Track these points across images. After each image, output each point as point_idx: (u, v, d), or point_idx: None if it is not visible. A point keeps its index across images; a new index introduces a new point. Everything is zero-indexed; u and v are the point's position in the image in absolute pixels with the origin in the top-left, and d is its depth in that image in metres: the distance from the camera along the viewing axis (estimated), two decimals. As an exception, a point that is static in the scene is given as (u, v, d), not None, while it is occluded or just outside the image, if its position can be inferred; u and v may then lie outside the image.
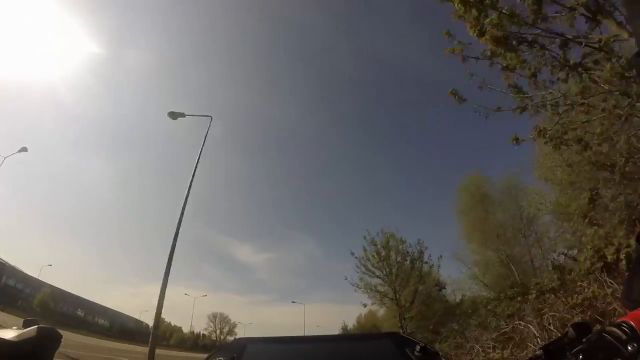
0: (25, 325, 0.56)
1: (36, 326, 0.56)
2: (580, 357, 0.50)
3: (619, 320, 0.53)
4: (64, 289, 46.29)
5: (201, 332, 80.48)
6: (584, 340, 0.52)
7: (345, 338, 0.67)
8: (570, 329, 0.54)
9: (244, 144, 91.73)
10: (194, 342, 72.52)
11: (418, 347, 0.40)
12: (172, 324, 76.25)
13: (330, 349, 0.41)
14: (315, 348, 0.43)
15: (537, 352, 0.54)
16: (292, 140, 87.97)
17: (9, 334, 0.57)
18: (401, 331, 18.08)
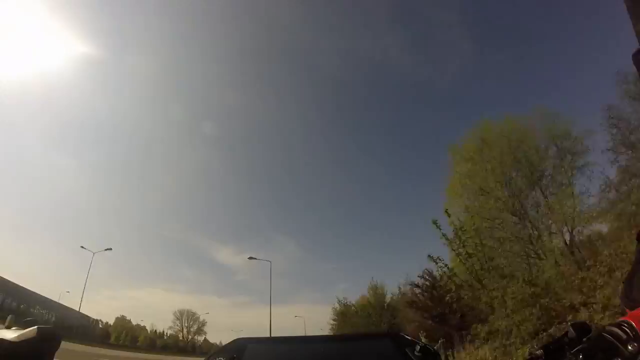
0: (25, 325, 0.54)
1: (36, 327, 0.55)
2: (581, 356, 0.50)
3: (620, 319, 0.53)
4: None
5: (165, 331, 76.99)
6: (584, 340, 0.51)
7: (345, 338, 0.67)
8: (570, 328, 0.53)
9: (225, 145, 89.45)
10: (151, 343, 69.09)
11: (418, 347, 0.41)
12: (138, 324, 72.98)
13: (330, 349, 0.41)
14: (315, 348, 0.43)
15: (537, 352, 0.54)
16: (273, 141, 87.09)
17: (9, 335, 0.55)
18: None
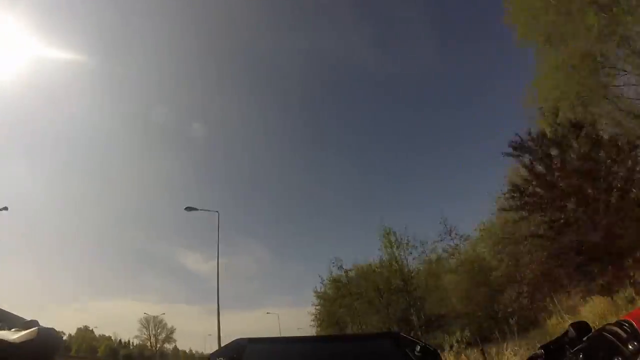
0: (26, 326, 0.53)
1: (36, 327, 0.53)
2: (581, 356, 0.49)
3: (620, 319, 0.53)
4: None
5: (131, 341, 72.93)
6: (584, 339, 0.51)
7: (344, 338, 0.68)
8: (571, 328, 0.54)
9: (183, 146, 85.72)
10: (111, 353, 65.19)
11: (418, 347, 0.43)
12: (102, 335, 68.59)
13: (328, 349, 0.43)
14: (314, 348, 0.44)
15: (537, 351, 0.55)
16: (234, 142, 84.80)
17: (10, 336, 0.53)
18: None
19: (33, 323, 0.54)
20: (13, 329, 0.57)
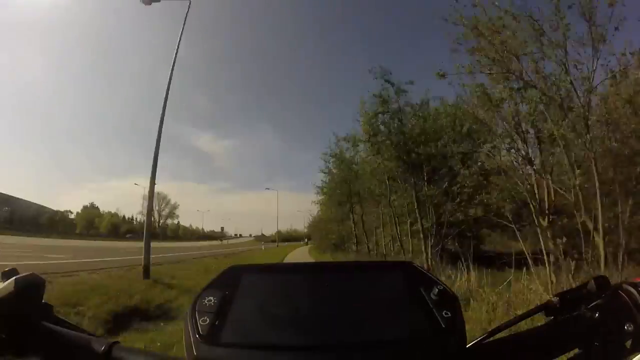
0: (3, 278, 0.45)
1: (14, 278, 0.45)
2: (597, 314, 0.46)
3: (638, 279, 0.48)
4: None
5: (135, 217, 78.28)
6: (603, 296, 0.48)
7: (351, 267, 0.65)
8: (592, 281, 0.49)
9: (202, 27, 74.33)
10: (113, 228, 70.43)
11: (436, 290, 0.35)
12: (109, 211, 72.77)
13: (329, 280, 0.39)
14: (316, 278, 0.41)
15: (552, 299, 0.51)
16: (251, 22, 73.39)
17: None
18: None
19: (10, 273, 0.46)
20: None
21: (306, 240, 68.03)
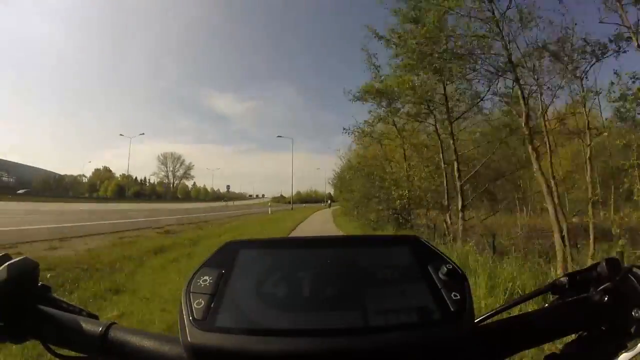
0: None
1: (6, 264, 0.43)
2: (606, 298, 0.44)
3: None
4: None
5: (148, 178, 77.35)
6: (613, 279, 0.46)
7: (354, 241, 0.62)
8: (603, 263, 0.47)
9: None
10: (118, 190, 70.55)
11: (445, 269, 0.33)
12: (123, 174, 72.51)
13: (331, 255, 0.37)
14: (319, 252, 0.39)
15: (561, 278, 0.49)
16: None
17: None
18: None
19: (2, 259, 0.45)
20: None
21: (328, 201, 59.23)
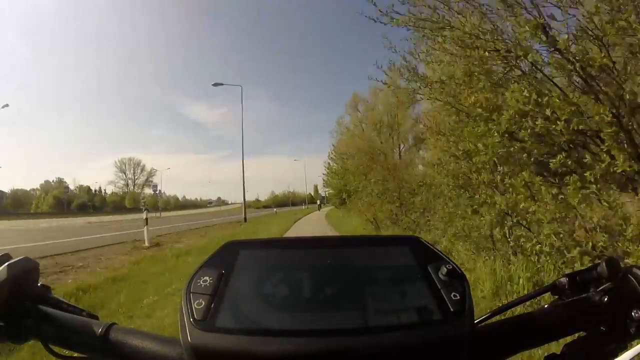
0: None
1: (6, 264, 0.43)
2: (606, 299, 0.44)
3: None
4: None
5: (103, 188, 66.57)
6: (613, 279, 0.46)
7: (355, 240, 0.62)
8: (603, 263, 0.47)
9: None
10: (57, 204, 63.19)
11: (444, 269, 0.32)
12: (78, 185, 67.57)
13: (331, 255, 0.37)
14: (315, 253, 0.39)
15: (561, 279, 0.49)
16: None
17: None
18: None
19: (2, 259, 0.44)
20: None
21: (319, 202, 53.89)
